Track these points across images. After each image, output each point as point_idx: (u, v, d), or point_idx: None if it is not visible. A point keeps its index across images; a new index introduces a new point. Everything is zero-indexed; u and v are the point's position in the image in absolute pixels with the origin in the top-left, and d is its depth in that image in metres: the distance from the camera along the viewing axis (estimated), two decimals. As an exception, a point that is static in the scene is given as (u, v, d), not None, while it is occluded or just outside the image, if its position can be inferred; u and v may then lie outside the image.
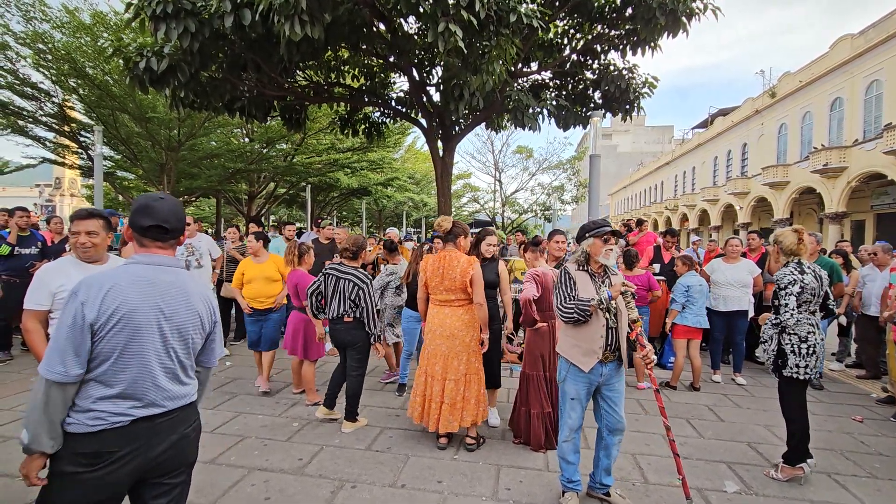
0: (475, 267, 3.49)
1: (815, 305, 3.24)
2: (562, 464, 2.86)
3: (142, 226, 1.63)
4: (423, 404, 3.61)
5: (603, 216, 58.01)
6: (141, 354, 1.53)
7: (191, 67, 6.72)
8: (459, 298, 3.54)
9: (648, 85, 8.85)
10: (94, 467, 1.46)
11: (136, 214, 1.63)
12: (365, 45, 7.97)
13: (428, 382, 3.59)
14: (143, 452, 1.54)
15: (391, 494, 2.93)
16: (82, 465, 1.45)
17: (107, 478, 1.48)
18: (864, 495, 3.06)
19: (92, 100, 13.64)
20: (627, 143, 63.52)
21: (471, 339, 3.56)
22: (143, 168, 16.66)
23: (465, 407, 3.51)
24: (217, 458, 3.36)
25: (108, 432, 1.48)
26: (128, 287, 1.53)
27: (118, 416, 1.50)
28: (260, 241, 5.03)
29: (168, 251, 1.70)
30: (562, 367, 2.85)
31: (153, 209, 1.63)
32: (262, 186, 22.27)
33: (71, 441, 1.46)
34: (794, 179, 25.13)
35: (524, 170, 28.40)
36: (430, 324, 3.64)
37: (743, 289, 5.44)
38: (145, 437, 1.54)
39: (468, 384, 3.54)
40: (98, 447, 1.46)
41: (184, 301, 1.65)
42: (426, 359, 3.63)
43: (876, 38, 19.92)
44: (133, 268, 1.60)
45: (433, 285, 3.61)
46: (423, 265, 3.70)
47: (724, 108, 36.23)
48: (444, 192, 9.92)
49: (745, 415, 4.49)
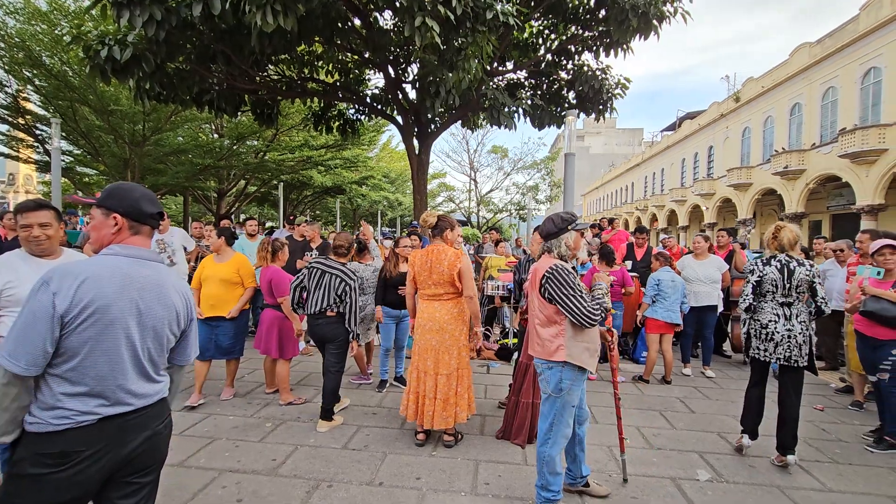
0: (463, 260, 3.49)
1: (784, 297, 3.36)
2: (554, 479, 2.59)
3: (147, 213, 1.58)
4: (417, 401, 3.56)
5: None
6: (113, 351, 1.45)
7: (156, 58, 6.47)
8: (448, 292, 3.52)
9: (621, 86, 9.04)
10: (61, 467, 1.37)
11: (138, 202, 1.57)
12: (340, 39, 7.85)
13: (420, 378, 3.56)
14: (115, 449, 1.46)
15: (369, 493, 2.87)
16: (48, 465, 1.36)
17: (75, 477, 1.39)
18: (827, 479, 3.19)
19: (49, 91, 12.97)
20: (599, 145, 64.88)
21: (460, 333, 3.54)
22: (106, 163, 15.95)
23: (458, 403, 3.51)
24: (186, 460, 3.23)
25: (75, 431, 1.39)
26: (105, 280, 1.45)
27: (85, 416, 1.41)
28: (222, 238, 4.48)
29: (148, 243, 1.63)
30: (566, 376, 2.56)
31: (152, 196, 1.61)
32: (233, 184, 21.68)
33: (34, 441, 1.37)
34: (756, 181, 26.14)
35: (499, 169, 28.70)
36: (420, 319, 3.61)
37: (712, 284, 5.62)
38: (117, 435, 1.46)
39: (460, 379, 3.54)
40: (64, 446, 1.38)
41: (160, 297, 1.58)
42: (417, 354, 3.59)
43: (832, 47, 20.93)
44: (111, 259, 1.51)
45: (421, 279, 3.58)
46: (411, 260, 3.67)
47: (692, 111, 37.42)
48: (419, 190, 9.88)
49: (714, 406, 4.62)
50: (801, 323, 3.31)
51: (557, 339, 2.56)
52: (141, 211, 1.57)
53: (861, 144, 18.25)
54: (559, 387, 2.57)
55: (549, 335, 2.58)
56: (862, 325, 3.82)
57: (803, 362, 3.30)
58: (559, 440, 2.60)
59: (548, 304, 2.58)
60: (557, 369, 2.57)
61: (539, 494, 2.63)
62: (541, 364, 2.65)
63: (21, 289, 2.16)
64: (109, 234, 1.56)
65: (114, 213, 1.55)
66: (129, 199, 1.57)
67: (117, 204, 1.55)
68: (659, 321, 5.20)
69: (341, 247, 4.04)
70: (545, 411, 2.66)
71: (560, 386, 2.57)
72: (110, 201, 1.56)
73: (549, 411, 2.63)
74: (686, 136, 35.42)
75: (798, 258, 3.39)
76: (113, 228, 1.55)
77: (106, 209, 1.55)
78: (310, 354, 5.87)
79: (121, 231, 1.56)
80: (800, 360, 3.29)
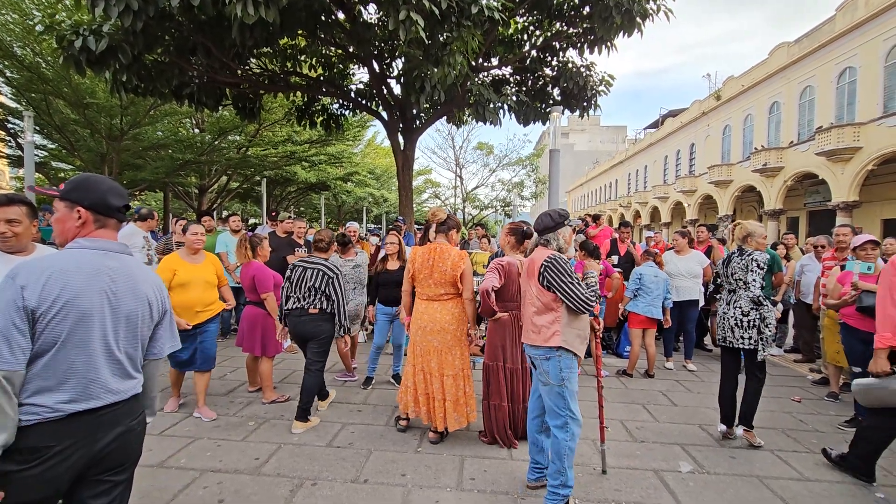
0: (466, 261, 3.47)
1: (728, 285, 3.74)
2: (569, 474, 2.61)
3: (114, 207, 1.54)
4: (428, 403, 3.53)
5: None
6: (85, 344, 1.41)
7: (133, 49, 6.29)
8: (448, 293, 3.49)
9: (605, 83, 9.10)
10: (31, 464, 1.33)
11: (104, 195, 1.53)
12: (323, 33, 7.74)
13: (427, 380, 3.52)
14: (86, 446, 1.42)
15: (354, 490, 2.85)
16: (17, 462, 1.32)
17: (45, 474, 1.35)
18: (804, 469, 3.27)
19: (20, 82, 12.54)
20: (584, 142, 65.36)
21: (461, 334, 3.53)
22: (82, 158, 15.52)
23: (467, 402, 3.51)
24: (166, 460, 3.16)
25: (45, 426, 1.36)
26: (73, 273, 1.41)
27: (54, 412, 1.37)
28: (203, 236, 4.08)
29: (115, 235, 1.59)
30: (564, 364, 2.62)
31: (119, 189, 1.57)
32: (214, 180, 21.28)
33: None
34: (736, 178, 26.63)
35: (485, 166, 28.67)
36: (419, 320, 3.53)
37: (694, 279, 5.71)
38: (88, 430, 1.42)
39: (466, 378, 3.54)
40: (35, 442, 1.34)
41: (132, 288, 1.54)
42: (418, 356, 3.55)
43: (809, 47, 21.38)
44: (77, 253, 1.47)
45: (421, 278, 3.53)
46: (411, 256, 3.62)
47: (674, 109, 37.90)
48: (405, 186, 9.83)
49: (696, 399, 4.69)
50: (736, 308, 3.59)
51: (553, 325, 2.64)
52: (108, 204, 1.53)
53: (837, 142, 18.70)
54: (560, 376, 2.62)
55: (546, 322, 2.66)
56: (854, 319, 3.87)
57: (738, 345, 3.56)
58: (576, 430, 2.65)
59: (546, 291, 2.65)
60: (556, 359, 2.62)
61: (556, 493, 2.61)
62: (538, 357, 2.69)
63: None
64: (73, 227, 1.51)
65: (78, 206, 1.50)
66: (95, 192, 1.52)
67: (83, 197, 1.51)
68: (640, 315, 5.26)
69: (321, 241, 3.97)
70: (555, 408, 2.65)
71: (561, 375, 2.62)
72: (75, 194, 1.51)
73: (558, 407, 2.65)
74: (668, 133, 35.89)
75: (747, 250, 3.63)
76: (77, 222, 1.51)
77: (70, 202, 1.50)
78: (294, 352, 5.80)
79: (85, 224, 1.52)
80: (734, 342, 3.58)
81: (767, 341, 3.50)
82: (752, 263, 3.53)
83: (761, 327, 3.48)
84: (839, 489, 3.01)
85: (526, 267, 2.81)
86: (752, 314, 3.51)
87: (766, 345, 3.50)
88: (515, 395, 3.53)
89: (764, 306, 3.49)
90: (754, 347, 3.51)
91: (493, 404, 3.56)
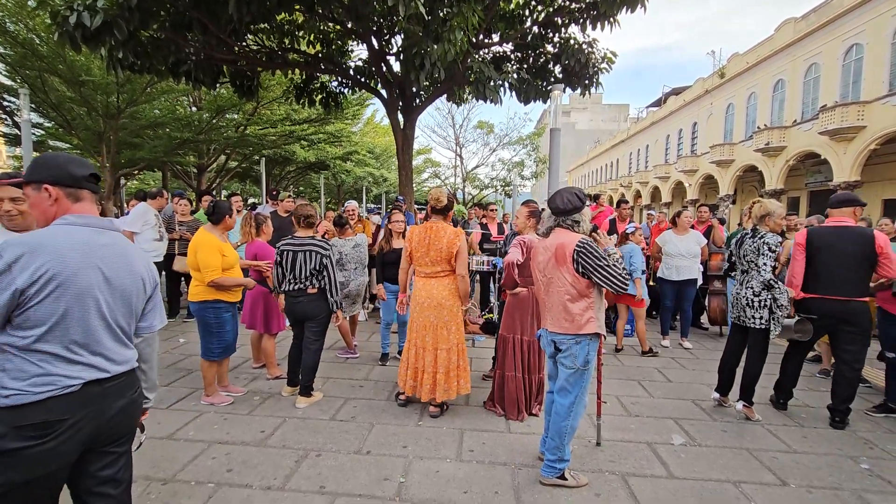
0: (461, 239, 3.54)
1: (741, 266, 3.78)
2: (567, 450, 2.74)
3: (79, 176, 1.52)
4: (416, 376, 3.64)
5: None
6: (84, 320, 1.45)
7: (129, 25, 6.17)
8: (445, 270, 3.58)
9: (607, 60, 8.96)
10: (44, 439, 1.37)
11: (65, 166, 1.51)
12: (321, 8, 7.59)
13: (419, 354, 3.63)
14: (96, 417, 1.47)
15: (357, 461, 2.95)
16: (30, 437, 1.35)
17: (59, 448, 1.39)
18: (793, 441, 3.38)
19: (14, 59, 12.33)
20: (585, 121, 64.56)
21: (458, 309, 3.63)
22: (79, 137, 15.36)
23: (459, 375, 3.61)
24: (174, 433, 3.27)
25: (57, 399, 1.39)
26: (65, 250, 1.42)
27: (68, 380, 1.41)
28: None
29: (94, 210, 1.59)
30: (593, 348, 2.65)
31: (79, 159, 1.54)
32: (213, 159, 21.12)
33: (12, 415, 1.35)
34: (738, 158, 26.43)
35: (485, 145, 28.40)
36: (417, 297, 3.65)
37: (693, 259, 5.76)
38: (97, 402, 1.48)
39: (460, 353, 3.63)
40: (46, 416, 1.37)
41: (125, 264, 1.58)
42: (415, 331, 3.66)
43: (816, 23, 20.95)
44: (68, 229, 1.47)
45: (418, 256, 3.61)
46: (408, 235, 3.70)
47: (677, 87, 37.35)
48: (405, 165, 9.78)
49: (690, 375, 4.80)
50: (748, 289, 3.66)
51: (588, 311, 2.61)
52: (71, 174, 1.51)
53: (841, 121, 18.51)
54: (587, 359, 2.63)
55: (580, 309, 2.60)
56: (890, 304, 3.88)
57: (751, 324, 3.63)
58: (581, 411, 2.73)
59: (581, 278, 2.58)
60: (585, 342, 2.62)
61: (553, 467, 2.71)
62: (567, 340, 2.65)
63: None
64: (49, 207, 1.50)
65: (44, 184, 1.49)
66: (53, 165, 1.51)
67: (45, 174, 1.49)
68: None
69: (311, 216, 3.89)
70: (569, 387, 2.68)
71: (587, 358, 2.63)
72: (36, 174, 1.50)
73: (574, 386, 2.67)
74: (671, 112, 35.46)
75: (761, 230, 3.63)
76: (49, 201, 1.50)
77: (36, 183, 1.49)
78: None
79: (59, 201, 1.51)
80: (747, 321, 3.65)
81: (779, 321, 3.54)
82: (764, 247, 3.53)
83: (773, 307, 3.53)
84: (826, 461, 3.12)
85: (554, 253, 2.65)
86: (764, 295, 3.56)
87: (778, 325, 3.54)
88: (532, 366, 3.67)
89: (776, 288, 3.52)
90: (765, 327, 3.57)
91: (507, 375, 3.67)
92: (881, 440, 3.43)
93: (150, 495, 2.54)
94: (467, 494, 2.63)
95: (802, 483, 2.84)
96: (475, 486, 2.70)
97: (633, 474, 2.89)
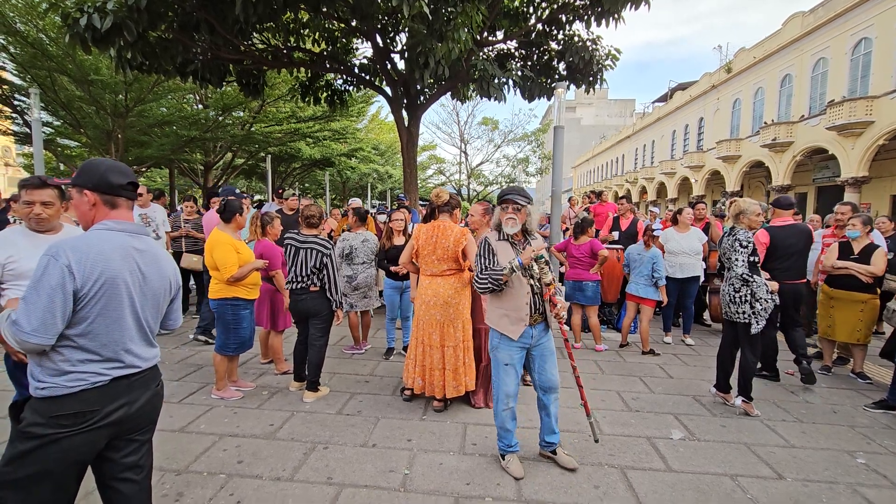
0: (468, 237, 3.61)
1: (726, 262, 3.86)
2: (500, 433, 2.92)
3: (117, 184, 1.61)
4: (424, 375, 3.72)
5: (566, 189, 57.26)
6: (119, 319, 1.55)
7: (138, 26, 6.29)
8: (451, 268, 3.65)
9: (611, 57, 8.98)
10: (77, 427, 1.48)
11: (105, 174, 1.59)
12: (326, 7, 7.66)
13: (426, 352, 3.70)
14: (125, 407, 1.57)
15: (363, 453, 3.05)
16: (64, 426, 1.46)
17: (90, 436, 1.51)
18: (791, 437, 3.43)
19: (25, 59, 12.51)
20: (591, 117, 64.26)
21: (464, 307, 3.69)
22: (88, 135, 15.56)
23: (466, 372, 3.68)
24: (187, 426, 3.38)
25: (89, 392, 1.50)
26: (109, 253, 1.53)
27: (98, 376, 1.52)
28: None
29: (130, 216, 1.69)
30: (493, 336, 2.87)
31: (120, 167, 1.64)
32: (219, 156, 21.29)
33: (48, 405, 1.46)
34: (745, 153, 26.25)
35: (489, 141, 28.52)
36: (423, 295, 3.71)
37: (696, 256, 5.80)
38: (126, 394, 1.58)
39: (467, 350, 3.70)
40: (80, 407, 1.48)
41: (157, 268, 1.69)
42: (421, 329, 3.72)
43: (824, 17, 20.74)
44: (107, 234, 1.58)
45: (424, 254, 3.68)
46: (415, 233, 3.77)
47: (683, 82, 37.06)
48: (409, 162, 9.86)
49: (691, 372, 4.85)
50: (730, 285, 3.79)
51: (485, 304, 2.97)
52: (109, 183, 1.59)
53: (849, 116, 18.35)
54: (491, 345, 2.91)
55: (484, 300, 2.98)
56: None
57: (737, 318, 3.73)
58: (500, 396, 2.89)
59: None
60: (491, 329, 2.90)
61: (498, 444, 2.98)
62: None
63: (21, 263, 2.23)
64: (87, 210, 1.60)
65: (84, 189, 1.58)
66: (95, 173, 1.59)
67: (86, 180, 1.59)
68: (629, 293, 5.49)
69: (313, 217, 3.99)
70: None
71: (491, 344, 2.90)
72: (80, 178, 1.59)
73: (492, 370, 2.96)
74: (677, 107, 35.22)
75: (737, 229, 3.76)
76: (88, 205, 1.60)
77: (79, 187, 1.59)
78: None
79: (96, 206, 1.60)
80: (732, 316, 3.75)
81: (760, 315, 3.61)
82: (736, 243, 3.67)
83: (752, 302, 3.61)
84: (823, 455, 3.17)
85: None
86: (743, 290, 3.66)
87: (760, 318, 3.61)
88: None
89: (752, 282, 3.61)
90: (748, 321, 3.64)
91: (481, 366, 3.78)
92: (879, 436, 3.48)
93: (165, 485, 2.65)
94: (470, 486, 2.71)
95: (799, 476, 2.90)
96: (477, 479, 2.79)
97: (632, 467, 2.96)
